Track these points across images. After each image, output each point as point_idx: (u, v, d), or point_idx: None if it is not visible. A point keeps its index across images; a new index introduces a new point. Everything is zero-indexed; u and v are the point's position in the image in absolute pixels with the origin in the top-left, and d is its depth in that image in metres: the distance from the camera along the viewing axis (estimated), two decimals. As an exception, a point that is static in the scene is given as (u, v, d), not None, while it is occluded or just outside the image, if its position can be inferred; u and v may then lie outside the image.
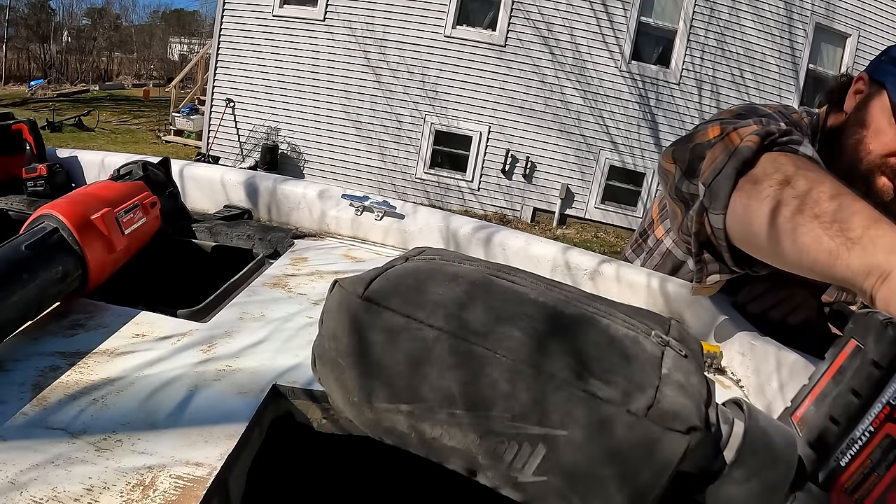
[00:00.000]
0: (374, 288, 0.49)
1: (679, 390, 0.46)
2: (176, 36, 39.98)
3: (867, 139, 1.14)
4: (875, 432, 0.52)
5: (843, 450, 0.53)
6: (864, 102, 1.18)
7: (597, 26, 10.73)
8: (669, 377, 0.47)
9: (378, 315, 0.48)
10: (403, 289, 0.49)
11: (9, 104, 17.79)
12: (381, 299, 0.48)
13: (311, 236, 1.44)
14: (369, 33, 11.15)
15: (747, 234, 0.90)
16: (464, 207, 11.24)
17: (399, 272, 0.51)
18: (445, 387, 0.46)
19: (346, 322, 0.49)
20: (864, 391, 0.52)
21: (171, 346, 0.90)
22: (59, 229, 0.97)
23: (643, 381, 0.46)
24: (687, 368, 0.49)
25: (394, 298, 0.48)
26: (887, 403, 0.51)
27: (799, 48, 10.79)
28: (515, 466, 0.46)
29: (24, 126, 1.53)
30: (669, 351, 0.49)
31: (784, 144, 0.93)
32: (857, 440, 0.52)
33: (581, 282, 1.31)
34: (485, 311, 0.48)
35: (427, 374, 0.47)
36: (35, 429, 0.71)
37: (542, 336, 0.47)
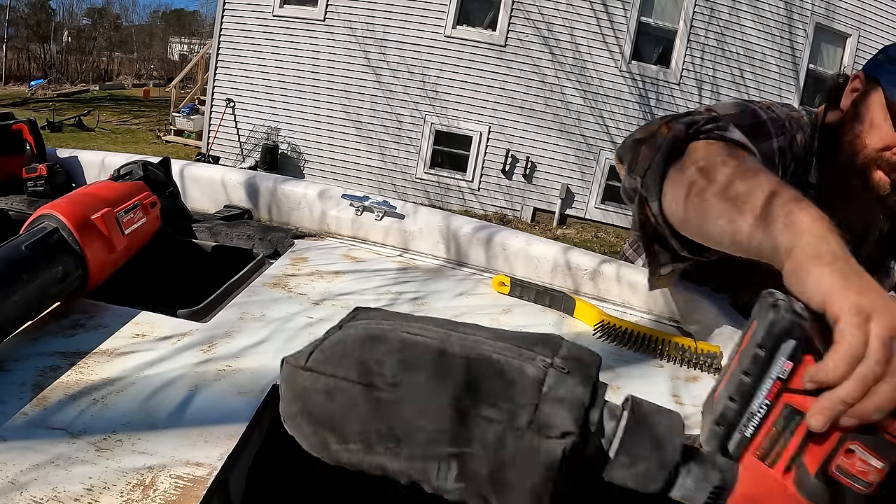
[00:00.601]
0: (312, 359, 0.63)
1: (556, 404, 0.57)
2: (176, 36, 39.98)
3: (863, 134, 1.16)
4: (772, 404, 0.60)
5: (745, 423, 0.61)
6: (859, 99, 1.20)
7: (597, 26, 10.72)
8: (548, 394, 0.58)
9: (317, 380, 0.62)
10: (334, 356, 0.63)
11: (9, 104, 17.79)
12: (318, 367, 0.62)
13: (312, 236, 1.44)
14: (369, 33, 11.14)
15: (680, 220, 0.94)
16: (464, 207, 11.24)
17: (331, 343, 0.64)
18: (376, 428, 0.60)
19: (295, 389, 0.63)
20: (752, 371, 0.60)
21: (172, 346, 0.90)
22: (60, 229, 0.97)
23: (525, 402, 0.58)
24: (568, 383, 0.59)
25: (327, 365, 0.62)
26: (777, 379, 0.59)
27: (799, 48, 10.78)
28: (440, 479, 0.59)
29: (25, 126, 1.53)
30: (552, 371, 0.60)
31: (710, 132, 0.96)
32: (755, 413, 0.60)
33: (581, 282, 1.31)
34: (397, 363, 0.61)
35: (361, 420, 0.60)
36: (35, 429, 0.71)
37: (442, 377, 0.59)
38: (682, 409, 0.91)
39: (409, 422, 0.59)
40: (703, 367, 1.04)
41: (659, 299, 1.25)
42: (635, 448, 0.59)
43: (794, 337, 0.59)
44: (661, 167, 0.95)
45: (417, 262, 1.38)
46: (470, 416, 0.58)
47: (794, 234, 0.70)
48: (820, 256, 0.65)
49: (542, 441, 0.56)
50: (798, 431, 0.60)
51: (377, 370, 0.61)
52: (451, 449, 0.58)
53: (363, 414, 0.60)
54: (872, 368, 0.57)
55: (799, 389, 0.60)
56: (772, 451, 0.61)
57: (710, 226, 0.85)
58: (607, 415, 0.61)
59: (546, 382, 0.59)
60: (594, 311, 1.17)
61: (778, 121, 1.22)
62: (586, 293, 1.31)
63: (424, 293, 1.20)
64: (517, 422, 0.57)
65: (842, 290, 0.61)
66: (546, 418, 0.57)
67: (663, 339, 1.11)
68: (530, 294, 1.23)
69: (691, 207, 0.89)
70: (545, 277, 1.33)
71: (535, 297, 1.23)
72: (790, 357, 0.59)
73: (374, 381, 0.60)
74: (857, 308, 0.59)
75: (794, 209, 0.73)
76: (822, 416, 0.58)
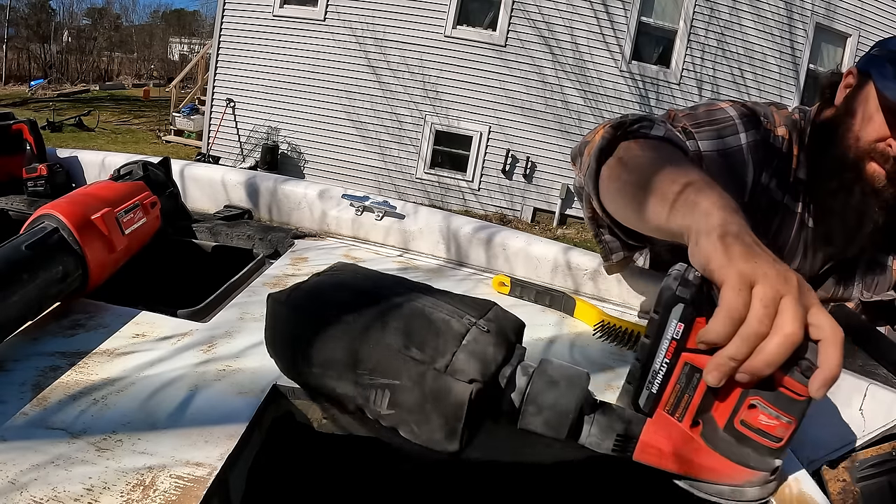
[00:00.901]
0: (292, 297, 0.77)
1: (470, 355, 0.68)
2: (176, 36, 39.98)
3: (856, 128, 1.18)
4: (672, 363, 0.66)
5: (651, 381, 0.67)
6: (852, 94, 1.22)
7: (597, 26, 10.73)
8: (466, 347, 0.69)
9: (291, 313, 0.77)
10: (306, 296, 0.78)
11: (9, 104, 17.79)
12: (293, 303, 0.77)
13: (312, 236, 1.44)
14: (370, 33, 11.15)
15: (614, 211, 1.02)
16: (464, 207, 11.24)
17: (308, 285, 0.79)
18: (331, 355, 0.73)
19: (275, 319, 0.78)
20: (650, 333, 0.66)
21: (172, 346, 0.90)
22: (60, 229, 0.97)
23: (445, 349, 0.68)
24: (485, 341, 0.70)
25: (300, 302, 0.77)
26: (672, 339, 0.65)
27: (799, 48, 10.79)
28: (377, 404, 0.71)
29: (25, 126, 1.53)
30: (474, 329, 0.71)
31: (636, 131, 1.04)
32: (658, 371, 0.67)
33: (582, 282, 1.31)
34: (353, 307, 0.74)
35: (320, 348, 0.73)
36: (35, 429, 0.71)
37: (385, 321, 0.72)
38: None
39: (355, 353, 0.71)
40: (703, 367, 1.04)
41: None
42: (540, 399, 0.69)
43: (682, 301, 0.64)
44: (595, 167, 1.03)
45: (418, 263, 1.38)
46: (402, 354, 0.69)
47: (693, 215, 0.74)
48: (709, 232, 0.69)
49: (453, 383, 0.67)
50: (700, 388, 0.66)
51: (336, 311, 0.74)
52: (384, 380, 0.70)
53: (323, 343, 0.73)
54: (755, 327, 0.61)
55: (696, 349, 0.65)
56: (679, 406, 0.68)
57: (636, 215, 0.91)
58: (520, 371, 0.71)
59: (466, 337, 0.70)
60: (594, 311, 1.17)
61: (749, 116, 1.26)
62: (587, 293, 1.31)
63: (424, 293, 1.20)
64: (437, 363, 0.68)
65: (726, 260, 0.65)
66: (460, 364, 0.67)
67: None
68: (530, 294, 1.23)
69: (617, 200, 0.99)
70: (545, 277, 1.33)
71: (535, 297, 1.23)
72: (681, 319, 0.64)
73: (333, 318, 0.73)
74: (738, 274, 0.63)
75: (693, 193, 0.77)
76: (716, 373, 0.63)
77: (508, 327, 0.74)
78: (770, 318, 0.61)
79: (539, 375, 0.70)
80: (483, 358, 0.68)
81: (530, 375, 0.70)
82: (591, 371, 0.97)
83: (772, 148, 1.25)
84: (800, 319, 0.61)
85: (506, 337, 0.72)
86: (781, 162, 1.26)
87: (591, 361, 1.03)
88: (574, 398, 0.68)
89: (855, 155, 1.17)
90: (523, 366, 0.72)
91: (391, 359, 0.69)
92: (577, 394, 0.69)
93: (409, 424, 0.70)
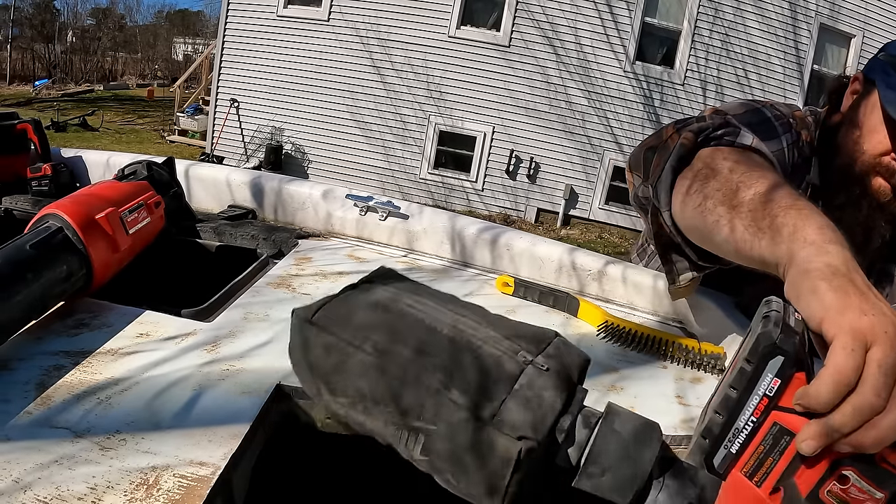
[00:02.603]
0: (317, 315, 0.67)
1: (523, 404, 0.58)
2: (180, 36, 39.97)
3: (861, 139, 1.14)
4: (759, 422, 0.57)
5: (731, 439, 0.58)
6: (857, 102, 1.17)
7: (601, 27, 10.72)
8: (518, 392, 0.59)
9: (318, 335, 0.66)
10: (336, 316, 0.67)
11: (13, 104, 17.81)
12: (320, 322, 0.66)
13: (316, 236, 1.44)
14: (373, 34, 11.15)
15: (689, 229, 0.92)
16: (468, 208, 11.23)
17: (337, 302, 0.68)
18: (360, 387, 0.63)
19: (300, 339, 0.68)
20: (738, 386, 0.57)
21: (176, 345, 0.90)
22: (64, 229, 0.97)
23: (493, 395, 0.58)
24: (542, 385, 0.59)
25: (328, 323, 0.66)
26: (763, 395, 0.57)
27: (803, 49, 10.77)
28: (409, 447, 0.62)
29: (29, 126, 1.53)
30: (530, 369, 0.60)
31: (720, 138, 0.95)
32: (741, 430, 0.58)
33: (586, 283, 1.31)
34: (387, 333, 0.64)
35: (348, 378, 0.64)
36: (39, 428, 0.71)
37: (424, 354, 0.62)
38: (686, 411, 0.91)
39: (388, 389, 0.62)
40: (706, 368, 1.04)
41: (664, 301, 1.25)
42: (604, 458, 0.59)
43: (782, 353, 0.56)
44: (670, 177, 0.93)
45: (422, 263, 1.38)
46: (441, 396, 0.60)
47: (795, 245, 0.66)
48: (819, 270, 0.61)
49: (499, 437, 0.57)
50: (787, 452, 0.57)
51: (370, 336, 0.64)
52: (418, 423, 0.60)
53: (351, 373, 0.64)
54: (870, 400, 0.53)
55: (789, 408, 0.57)
56: (759, 469, 0.59)
57: (714, 235, 0.82)
58: (581, 422, 0.61)
59: (520, 380, 0.60)
60: (598, 312, 1.17)
61: (783, 118, 1.20)
62: (591, 294, 1.31)
63: (428, 293, 1.19)
64: (481, 412, 0.58)
65: (839, 310, 0.57)
66: (509, 414, 0.57)
67: (667, 339, 1.10)
68: (534, 295, 1.23)
69: (696, 216, 0.86)
70: (550, 278, 1.33)
71: (539, 298, 1.23)
72: (778, 374, 0.56)
73: (364, 345, 0.64)
74: (853, 331, 0.55)
75: (797, 218, 0.69)
76: (812, 442, 0.55)
77: (572, 365, 0.64)
78: (888, 390, 0.53)
79: (604, 428, 0.60)
80: (538, 407, 0.58)
81: (593, 427, 0.60)
82: (596, 372, 0.98)
83: (799, 152, 1.21)
84: None
85: (567, 378, 0.62)
86: (803, 166, 1.22)
87: (596, 362, 1.03)
88: (645, 460, 0.58)
89: (860, 169, 1.13)
90: (585, 414, 0.61)
91: (428, 400, 0.60)
92: (648, 455, 0.59)
93: (446, 473, 0.61)
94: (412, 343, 0.63)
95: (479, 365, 0.61)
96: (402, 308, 0.67)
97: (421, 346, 0.63)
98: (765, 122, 1.17)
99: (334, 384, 0.65)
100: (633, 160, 1.09)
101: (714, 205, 0.82)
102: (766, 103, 1.22)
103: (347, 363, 0.64)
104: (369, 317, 0.66)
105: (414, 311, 0.67)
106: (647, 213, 1.04)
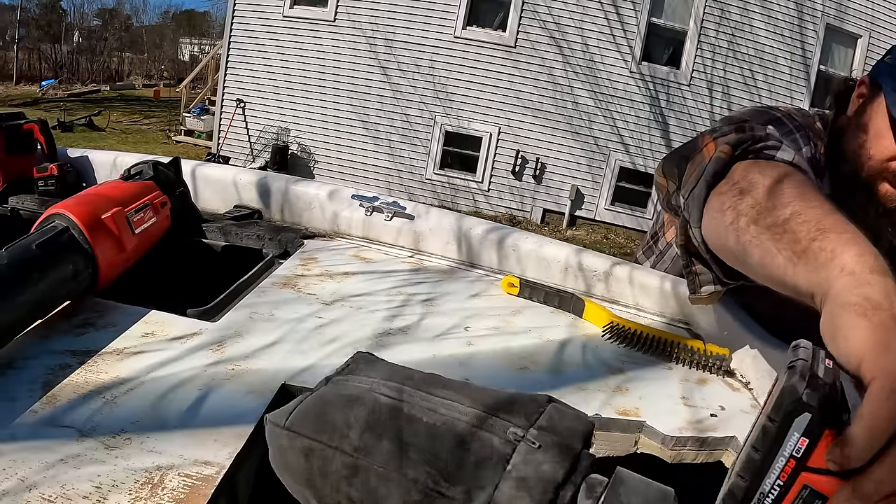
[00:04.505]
0: (290, 419, 0.62)
1: (517, 484, 0.54)
2: (186, 36, 40.09)
3: (867, 144, 1.11)
4: (787, 486, 0.51)
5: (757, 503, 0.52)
6: (863, 106, 1.15)
7: (607, 27, 10.71)
8: (511, 473, 0.55)
9: (294, 440, 0.61)
10: (310, 417, 0.62)
11: (20, 104, 17.88)
12: (295, 427, 0.62)
13: (321, 237, 1.44)
14: (379, 34, 11.16)
15: (718, 248, 0.87)
16: (474, 208, 11.24)
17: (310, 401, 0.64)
18: (345, 490, 0.59)
19: (276, 446, 0.63)
20: (761, 447, 0.51)
21: (181, 345, 0.90)
22: (70, 228, 0.97)
23: (484, 481, 0.55)
24: (537, 460, 0.56)
25: (303, 426, 0.62)
26: (790, 457, 0.50)
27: (810, 49, 10.74)
28: None
29: (35, 126, 1.53)
30: (522, 446, 0.57)
31: (759, 151, 0.89)
32: (768, 494, 0.51)
33: (593, 284, 1.31)
34: (365, 428, 0.60)
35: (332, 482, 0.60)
36: (45, 427, 0.71)
37: (407, 446, 0.58)
38: (691, 412, 0.91)
39: (374, 489, 0.58)
40: (712, 369, 1.04)
41: (670, 302, 1.25)
42: None
43: (809, 409, 0.49)
44: (704, 192, 0.88)
45: (428, 263, 1.37)
46: (430, 490, 0.56)
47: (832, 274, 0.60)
48: (857, 305, 0.55)
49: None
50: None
51: (346, 434, 0.60)
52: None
53: (334, 477, 0.59)
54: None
55: (820, 469, 0.51)
56: None
57: (746, 257, 0.77)
58: (584, 492, 0.55)
59: (512, 459, 0.56)
60: (603, 313, 1.16)
61: (803, 127, 1.16)
62: (598, 295, 1.31)
63: (435, 294, 1.19)
64: (475, 501, 0.54)
65: (878, 351, 0.51)
66: (503, 499, 0.54)
67: (672, 340, 1.10)
68: (540, 295, 1.23)
69: (728, 235, 0.81)
70: (556, 279, 1.33)
71: (545, 299, 1.22)
72: (805, 433, 0.50)
73: (343, 445, 0.59)
74: (894, 374, 0.49)
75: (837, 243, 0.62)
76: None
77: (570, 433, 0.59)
78: None
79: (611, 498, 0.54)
80: (535, 485, 0.54)
81: (598, 498, 0.54)
82: (602, 374, 0.97)
83: (818, 162, 1.16)
84: None
85: (567, 448, 0.57)
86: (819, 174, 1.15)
87: (601, 363, 1.03)
88: None
89: (867, 175, 1.11)
90: (590, 483, 0.55)
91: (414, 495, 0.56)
92: None
93: None
94: (389, 435, 0.59)
95: (465, 451, 0.57)
96: (375, 397, 0.63)
97: (399, 438, 0.59)
98: (788, 133, 1.13)
99: (320, 490, 0.61)
100: (666, 166, 1.05)
101: (747, 223, 0.76)
102: (784, 112, 1.19)
103: (329, 467, 0.60)
104: (343, 413, 0.62)
105: (391, 402, 0.62)
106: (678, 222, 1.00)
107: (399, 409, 0.61)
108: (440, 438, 0.58)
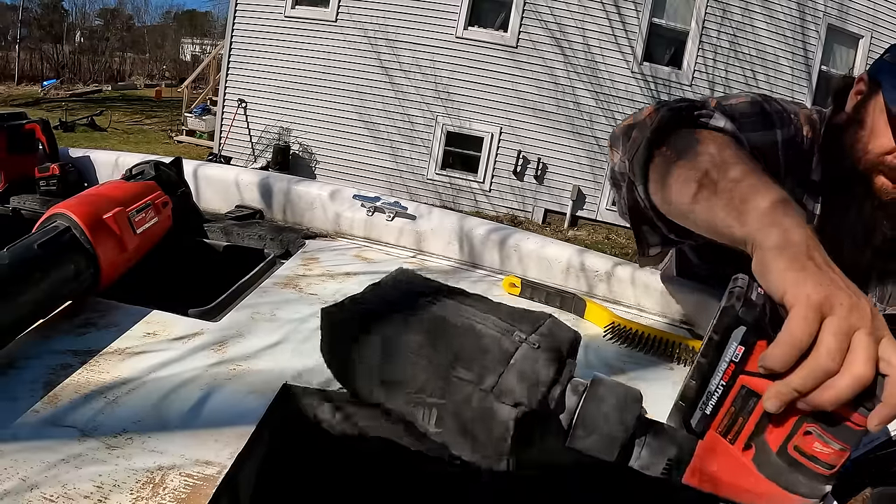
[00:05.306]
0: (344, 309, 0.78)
1: (518, 376, 0.67)
2: (188, 36, 40.09)
3: (865, 139, 1.14)
4: (729, 385, 0.64)
5: (705, 401, 0.66)
6: (862, 102, 1.17)
7: (608, 27, 10.70)
8: (513, 366, 0.68)
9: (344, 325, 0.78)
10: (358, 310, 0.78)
11: (22, 104, 17.90)
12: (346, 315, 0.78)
13: (323, 237, 1.44)
14: (381, 34, 11.15)
15: (661, 204, 0.95)
16: (475, 209, 11.23)
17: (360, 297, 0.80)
18: (380, 370, 0.74)
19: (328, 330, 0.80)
20: (707, 354, 0.65)
21: (183, 345, 0.91)
22: (72, 228, 0.97)
23: (493, 369, 0.68)
24: (534, 358, 0.68)
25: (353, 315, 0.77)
26: (730, 362, 0.63)
27: (811, 49, 10.73)
28: (424, 422, 0.71)
29: (37, 126, 1.54)
30: (524, 346, 0.70)
31: (696, 119, 0.97)
32: (713, 393, 0.65)
33: (595, 284, 1.31)
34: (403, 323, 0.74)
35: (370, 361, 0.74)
36: (46, 427, 0.71)
37: (433, 338, 0.72)
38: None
39: (404, 370, 0.72)
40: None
41: (672, 302, 1.25)
42: (591, 421, 0.66)
43: (744, 323, 0.62)
44: (646, 151, 0.96)
45: (430, 264, 1.38)
46: (450, 374, 0.69)
47: (760, 224, 0.70)
48: (778, 247, 0.66)
49: (498, 406, 0.66)
50: (756, 412, 0.64)
51: (387, 326, 0.74)
52: (431, 399, 0.70)
53: (372, 357, 0.74)
54: (825, 363, 0.58)
55: (755, 372, 0.63)
56: (732, 428, 0.65)
57: (691, 213, 0.85)
58: (570, 391, 0.69)
59: (515, 356, 0.69)
60: (605, 314, 1.16)
61: (783, 113, 1.21)
62: (600, 295, 1.31)
63: (435, 294, 1.19)
64: (483, 384, 0.67)
65: (796, 282, 0.62)
66: (506, 385, 0.66)
67: (674, 341, 1.10)
68: (541, 296, 1.23)
69: (670, 192, 0.90)
70: (558, 279, 1.33)
71: (546, 299, 1.23)
72: (741, 342, 0.62)
73: (384, 334, 0.74)
74: (808, 300, 0.60)
75: (761, 198, 0.73)
76: (776, 401, 0.61)
77: (562, 342, 0.72)
78: (842, 354, 0.58)
79: (590, 396, 0.67)
80: (531, 378, 0.67)
81: (581, 395, 0.68)
82: (602, 373, 0.97)
83: (799, 148, 1.21)
84: (873, 359, 0.58)
85: (558, 353, 0.70)
86: (804, 163, 1.22)
87: (602, 363, 1.03)
88: (626, 422, 0.66)
89: (864, 168, 1.14)
90: (574, 384, 0.69)
91: (439, 378, 0.69)
92: (628, 417, 0.66)
93: (459, 442, 0.69)
94: (422, 331, 0.73)
95: (480, 345, 0.70)
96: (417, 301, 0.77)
97: (430, 333, 0.72)
98: (760, 113, 1.18)
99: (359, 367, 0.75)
100: (613, 136, 1.12)
101: (687, 184, 0.85)
102: (770, 98, 1.23)
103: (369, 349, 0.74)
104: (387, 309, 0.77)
105: (427, 304, 0.77)
106: (623, 188, 1.08)
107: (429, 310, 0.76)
108: (462, 334, 0.72)
